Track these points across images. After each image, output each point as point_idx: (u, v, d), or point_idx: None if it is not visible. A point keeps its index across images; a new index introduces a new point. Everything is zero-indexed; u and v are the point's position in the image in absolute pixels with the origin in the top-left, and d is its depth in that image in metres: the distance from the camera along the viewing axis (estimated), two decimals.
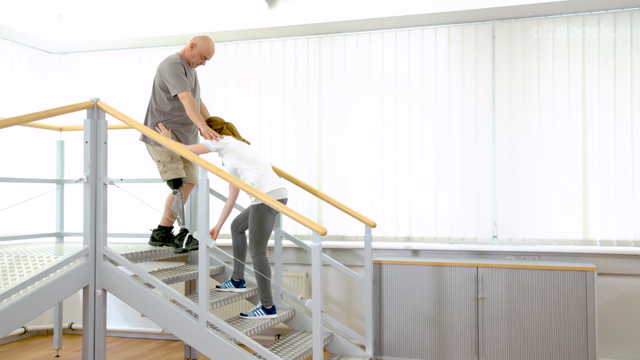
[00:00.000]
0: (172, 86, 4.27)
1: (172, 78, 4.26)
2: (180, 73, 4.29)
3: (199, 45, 4.41)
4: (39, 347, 5.55)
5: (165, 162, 4.35)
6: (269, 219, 4.18)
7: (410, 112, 5.30)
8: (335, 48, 5.52)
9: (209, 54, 4.47)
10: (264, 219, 4.17)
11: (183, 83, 4.28)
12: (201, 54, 4.43)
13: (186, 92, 4.26)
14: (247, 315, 4.31)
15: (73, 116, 5.03)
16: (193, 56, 4.42)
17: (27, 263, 3.62)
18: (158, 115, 4.39)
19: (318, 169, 5.50)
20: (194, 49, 4.41)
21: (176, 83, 4.26)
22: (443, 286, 4.56)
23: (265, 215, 4.16)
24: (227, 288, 4.46)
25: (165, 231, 4.58)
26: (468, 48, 5.17)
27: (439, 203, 5.20)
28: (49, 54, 6.22)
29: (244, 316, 4.31)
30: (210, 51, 4.47)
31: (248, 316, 4.30)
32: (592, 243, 4.85)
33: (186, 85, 4.29)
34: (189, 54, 4.42)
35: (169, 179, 4.36)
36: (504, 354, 4.41)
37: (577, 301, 4.30)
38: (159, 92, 4.38)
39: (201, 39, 4.43)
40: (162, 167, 4.37)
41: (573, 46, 4.94)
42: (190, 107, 4.25)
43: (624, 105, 4.82)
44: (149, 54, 6.00)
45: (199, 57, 4.44)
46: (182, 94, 4.25)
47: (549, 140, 4.97)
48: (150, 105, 4.45)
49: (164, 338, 5.84)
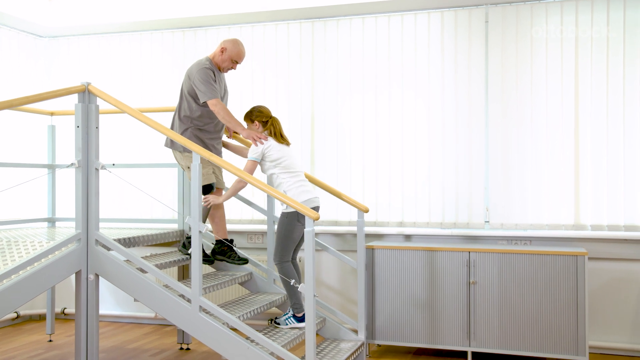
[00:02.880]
0: (202, 93, 4.11)
1: (202, 84, 4.11)
2: (210, 79, 4.13)
3: (229, 50, 4.23)
4: (32, 332, 5.56)
5: None
6: (298, 228, 4.13)
7: (403, 97, 5.29)
8: (328, 32, 5.49)
9: (239, 58, 4.29)
10: (293, 227, 4.12)
11: (213, 89, 4.12)
12: (232, 58, 4.25)
13: (216, 99, 4.11)
14: (280, 324, 4.22)
15: (64, 101, 5.01)
16: (223, 61, 4.25)
17: (18, 248, 3.61)
18: (186, 122, 4.23)
19: (311, 154, 5.50)
20: (225, 53, 4.23)
21: (206, 89, 4.10)
22: (435, 271, 4.58)
23: (294, 224, 4.11)
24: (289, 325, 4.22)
25: (225, 245, 4.45)
26: (461, 33, 5.16)
27: (432, 188, 5.21)
28: (39, 37, 6.16)
29: (277, 325, 4.23)
30: (241, 55, 4.28)
31: (280, 325, 4.22)
32: (583, 228, 4.88)
33: (216, 92, 4.14)
34: (219, 58, 4.25)
35: None
36: (495, 337, 4.45)
37: (567, 285, 4.33)
38: (187, 98, 4.22)
39: (231, 43, 4.25)
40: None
41: (566, 31, 4.93)
42: (223, 113, 4.11)
43: (616, 91, 4.83)
44: (141, 38, 5.95)
45: (229, 62, 4.26)
46: (212, 101, 4.10)
47: (542, 125, 4.98)
48: (177, 111, 4.30)
49: (157, 323, 5.86)
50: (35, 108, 5.03)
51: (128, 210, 5.80)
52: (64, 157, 5.36)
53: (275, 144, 4.16)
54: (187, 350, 4.94)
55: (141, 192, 4.86)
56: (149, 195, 4.83)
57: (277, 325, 4.24)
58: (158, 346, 5.09)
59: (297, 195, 4.06)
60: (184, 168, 4.34)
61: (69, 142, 4.04)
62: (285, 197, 3.77)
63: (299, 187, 4.11)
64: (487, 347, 4.47)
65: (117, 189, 5.67)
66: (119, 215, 5.74)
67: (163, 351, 4.93)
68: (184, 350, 4.96)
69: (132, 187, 4.86)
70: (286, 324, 4.21)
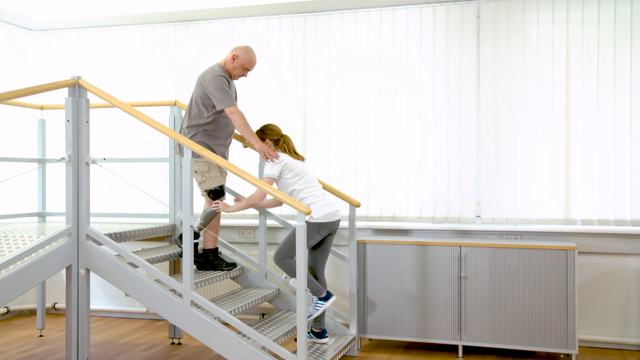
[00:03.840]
0: (219, 100, 4.08)
1: (218, 92, 4.07)
2: (225, 86, 4.10)
3: (241, 57, 4.20)
4: (22, 327, 5.54)
5: (202, 172, 4.22)
6: (313, 237, 4.14)
7: (395, 91, 5.30)
8: (320, 27, 5.48)
9: (251, 66, 4.26)
10: (309, 236, 4.10)
11: (230, 97, 4.10)
12: (243, 65, 4.22)
13: (234, 106, 4.09)
14: (312, 314, 4.21)
15: (54, 95, 4.97)
16: (235, 68, 4.22)
17: (8, 242, 3.59)
18: (195, 128, 4.19)
19: (303, 148, 5.49)
20: (236, 60, 4.20)
21: (223, 97, 4.07)
22: (426, 265, 4.60)
23: (313, 234, 4.11)
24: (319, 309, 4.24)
25: (213, 254, 4.45)
26: (453, 28, 5.16)
27: (423, 183, 5.22)
28: (29, 31, 6.11)
29: (309, 317, 4.22)
30: (252, 62, 4.26)
31: (313, 315, 4.21)
32: (573, 222, 4.91)
33: (232, 99, 4.12)
34: (230, 65, 4.22)
35: (208, 188, 4.24)
36: (486, 331, 4.48)
37: (558, 279, 4.35)
38: (199, 105, 4.18)
39: (243, 50, 4.22)
40: (201, 177, 4.24)
41: (557, 26, 4.95)
42: (241, 122, 4.09)
43: (606, 86, 4.85)
44: (132, 32, 5.92)
45: (240, 69, 4.24)
46: (231, 108, 4.07)
47: (533, 120, 5.00)
48: (186, 117, 4.26)
49: (148, 318, 5.85)
50: (25, 102, 4.99)
51: (119, 205, 5.77)
52: (55, 151, 5.33)
53: (292, 160, 4.18)
54: (178, 345, 4.94)
55: (132, 186, 4.85)
56: (140, 189, 4.83)
57: (309, 317, 4.22)
58: (149, 341, 5.08)
59: (321, 207, 4.10)
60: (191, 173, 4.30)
61: (60, 136, 4.02)
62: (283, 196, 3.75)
63: (321, 200, 4.14)
64: (478, 341, 4.49)
65: (108, 183, 5.64)
66: (109, 209, 5.72)
67: (154, 346, 4.93)
68: (175, 345, 4.96)
69: (123, 181, 4.85)
70: (316, 309, 4.21)
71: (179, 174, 4.72)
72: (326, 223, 4.13)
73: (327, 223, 4.14)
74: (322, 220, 4.11)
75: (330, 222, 4.16)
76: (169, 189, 4.84)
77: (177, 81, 5.79)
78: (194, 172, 4.24)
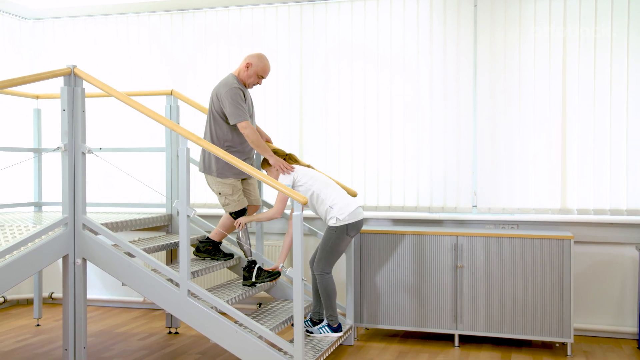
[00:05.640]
0: (231, 115, 4.02)
1: (231, 106, 4.01)
2: (240, 99, 4.04)
3: (254, 65, 4.14)
4: (19, 317, 5.54)
5: (226, 194, 4.17)
6: (345, 240, 4.17)
7: (392, 81, 5.28)
8: (316, 16, 5.45)
9: (265, 73, 4.21)
10: (340, 240, 4.15)
11: (243, 111, 4.03)
12: (258, 73, 4.17)
13: (247, 121, 4.02)
14: (313, 332, 4.29)
15: (50, 84, 4.95)
16: (249, 77, 4.16)
17: (4, 232, 3.58)
18: (220, 144, 4.12)
19: (299, 138, 5.48)
20: (250, 69, 4.14)
21: (236, 112, 4.01)
22: (423, 255, 4.61)
23: (343, 237, 4.15)
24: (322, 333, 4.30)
25: (212, 244, 4.44)
26: (450, 16, 5.14)
27: (420, 173, 5.22)
28: (24, 19, 6.07)
29: (309, 333, 4.29)
30: (266, 70, 4.20)
31: (314, 333, 4.29)
32: (569, 212, 4.92)
33: (246, 114, 4.06)
34: (244, 74, 4.16)
35: (231, 211, 4.21)
36: (482, 320, 4.49)
37: (554, 269, 4.37)
38: (217, 119, 4.12)
39: (257, 58, 4.16)
40: (224, 199, 4.19)
41: (554, 16, 4.93)
42: (253, 137, 4.04)
43: (604, 75, 4.85)
44: (127, 21, 5.89)
45: (255, 78, 4.17)
46: (242, 123, 4.01)
47: (529, 110, 5.00)
48: (208, 133, 4.19)
49: (145, 307, 5.86)
50: (20, 91, 4.97)
51: (115, 195, 5.76)
52: (50, 141, 5.31)
53: (302, 167, 4.24)
54: (175, 335, 4.95)
55: (129, 176, 4.84)
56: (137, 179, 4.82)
57: (310, 334, 4.29)
58: (146, 330, 5.09)
59: (344, 208, 4.13)
60: (215, 193, 4.25)
61: (55, 125, 4.00)
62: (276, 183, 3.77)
63: (342, 199, 4.17)
64: (474, 330, 4.51)
65: (104, 173, 5.63)
66: (106, 199, 5.71)
67: (151, 335, 4.94)
68: (172, 334, 4.97)
69: (120, 171, 4.83)
70: (320, 332, 4.29)
71: (176, 163, 4.72)
72: (353, 223, 4.16)
73: (354, 223, 4.17)
74: (349, 221, 4.13)
75: (357, 221, 4.19)
76: (165, 179, 4.83)
77: (173, 70, 5.77)
78: (217, 194, 4.22)
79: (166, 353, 4.47)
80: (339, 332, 4.30)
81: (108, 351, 4.51)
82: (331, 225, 4.15)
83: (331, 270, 4.23)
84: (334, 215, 4.12)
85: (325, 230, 4.23)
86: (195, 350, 4.53)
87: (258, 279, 4.26)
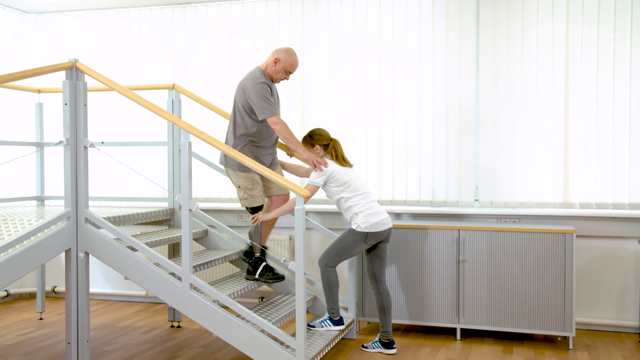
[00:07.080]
0: (260, 109, 3.95)
1: (260, 100, 3.94)
2: (267, 94, 3.97)
3: (283, 60, 4.06)
4: (22, 310, 5.56)
5: (246, 188, 4.10)
6: (360, 246, 4.15)
7: (394, 74, 5.27)
8: (318, 9, 5.44)
9: (293, 69, 4.13)
10: (356, 244, 4.12)
11: (272, 106, 3.96)
12: (285, 69, 4.09)
13: (277, 116, 3.97)
14: (315, 326, 4.28)
15: (52, 78, 4.95)
16: (277, 72, 4.08)
17: (7, 226, 3.59)
18: (243, 139, 4.07)
19: (301, 131, 5.47)
20: (278, 64, 4.06)
21: (265, 106, 3.94)
22: (425, 249, 4.61)
23: (360, 243, 4.12)
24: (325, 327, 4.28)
25: (262, 258, 4.30)
26: (452, 10, 5.12)
27: (422, 167, 5.22)
28: (25, 13, 6.06)
29: (311, 327, 4.27)
30: (294, 65, 4.12)
31: (315, 327, 4.27)
32: (571, 206, 4.92)
33: (275, 108, 3.98)
34: (272, 69, 4.08)
35: (248, 206, 4.15)
36: (484, 314, 4.50)
37: (555, 263, 4.37)
38: (242, 113, 4.05)
39: (285, 53, 4.07)
40: (243, 193, 4.12)
41: (557, 9, 4.91)
42: (285, 133, 3.98)
43: (606, 69, 4.83)
44: (129, 15, 5.87)
45: (283, 73, 4.10)
46: (273, 119, 3.94)
47: (532, 104, 4.98)
48: (232, 127, 4.13)
49: (148, 301, 5.87)
50: (22, 85, 4.97)
51: (118, 189, 5.77)
52: (52, 134, 5.31)
53: (339, 167, 4.13)
54: (178, 328, 4.96)
55: (131, 170, 4.84)
56: (139, 173, 4.82)
57: (311, 327, 4.28)
58: (149, 324, 5.11)
59: (368, 217, 4.08)
60: (235, 186, 4.19)
61: (57, 119, 4.00)
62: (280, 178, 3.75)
63: (369, 208, 4.11)
64: (476, 324, 4.52)
65: (106, 167, 5.63)
66: (108, 193, 5.72)
67: (154, 329, 4.95)
68: (174, 328, 4.98)
69: (122, 165, 4.84)
70: (322, 326, 4.28)
71: (178, 157, 4.72)
72: (374, 233, 4.10)
73: (375, 233, 4.11)
74: (369, 230, 4.09)
75: (379, 232, 4.12)
76: (167, 173, 4.83)
77: (175, 64, 5.76)
78: (236, 187, 4.17)
79: (168, 347, 4.48)
80: (341, 325, 4.30)
81: (111, 345, 4.52)
82: (352, 228, 4.13)
83: (335, 266, 4.22)
84: (358, 222, 4.09)
85: (346, 229, 4.21)
86: (197, 343, 4.54)
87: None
